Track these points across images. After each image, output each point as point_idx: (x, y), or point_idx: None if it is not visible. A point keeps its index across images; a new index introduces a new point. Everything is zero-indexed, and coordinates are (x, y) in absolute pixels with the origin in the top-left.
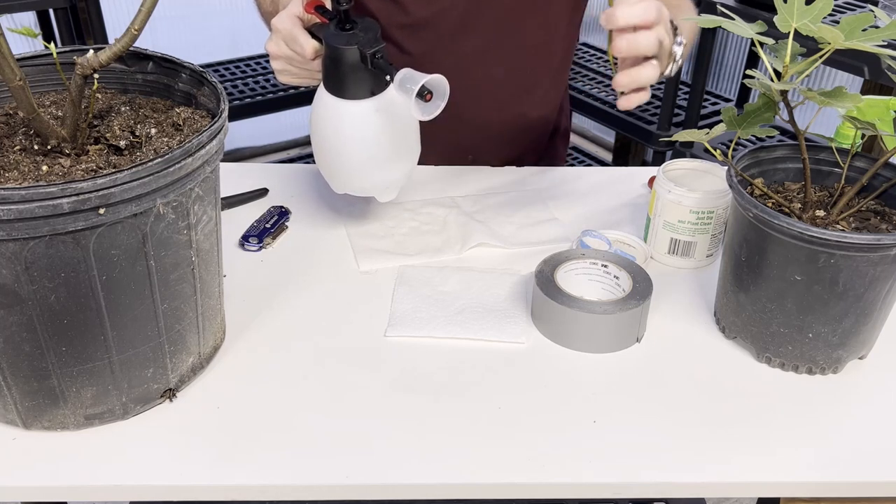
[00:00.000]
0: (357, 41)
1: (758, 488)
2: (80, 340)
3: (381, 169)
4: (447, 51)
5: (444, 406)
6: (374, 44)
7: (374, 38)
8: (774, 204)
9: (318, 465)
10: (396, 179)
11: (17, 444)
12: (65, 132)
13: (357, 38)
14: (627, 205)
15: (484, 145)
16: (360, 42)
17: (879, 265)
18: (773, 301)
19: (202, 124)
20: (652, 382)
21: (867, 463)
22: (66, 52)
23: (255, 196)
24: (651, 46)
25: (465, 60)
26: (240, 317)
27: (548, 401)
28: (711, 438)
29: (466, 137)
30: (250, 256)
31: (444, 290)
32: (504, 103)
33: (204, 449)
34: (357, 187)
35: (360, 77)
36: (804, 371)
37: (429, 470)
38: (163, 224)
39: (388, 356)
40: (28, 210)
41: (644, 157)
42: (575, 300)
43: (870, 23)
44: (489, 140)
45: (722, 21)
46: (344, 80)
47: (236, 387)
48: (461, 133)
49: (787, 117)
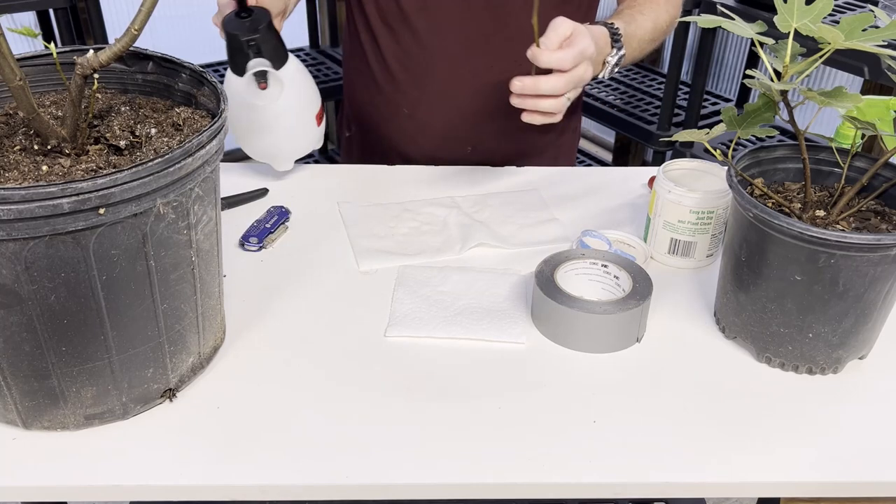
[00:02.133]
0: (240, 28)
1: (758, 488)
2: (80, 340)
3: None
4: (444, 38)
5: (443, 406)
6: (252, 33)
7: (255, 28)
8: (774, 204)
9: (318, 465)
10: (287, 150)
11: (17, 444)
12: (65, 132)
13: (244, 25)
14: (627, 205)
15: (484, 138)
16: (242, 29)
17: (879, 265)
18: (773, 301)
19: (202, 124)
20: (652, 382)
21: (867, 463)
22: (66, 52)
23: (255, 196)
24: (553, 88)
25: (460, 49)
26: (240, 317)
27: (548, 401)
28: (711, 438)
29: (465, 128)
30: (250, 256)
31: (443, 290)
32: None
33: (204, 449)
34: (253, 151)
35: (241, 57)
36: (804, 371)
37: (428, 470)
38: (163, 224)
39: (388, 356)
40: (28, 210)
41: (644, 157)
42: (575, 300)
43: (870, 23)
44: (489, 133)
45: (722, 21)
46: (231, 59)
47: (236, 387)
48: (459, 123)
49: (787, 117)
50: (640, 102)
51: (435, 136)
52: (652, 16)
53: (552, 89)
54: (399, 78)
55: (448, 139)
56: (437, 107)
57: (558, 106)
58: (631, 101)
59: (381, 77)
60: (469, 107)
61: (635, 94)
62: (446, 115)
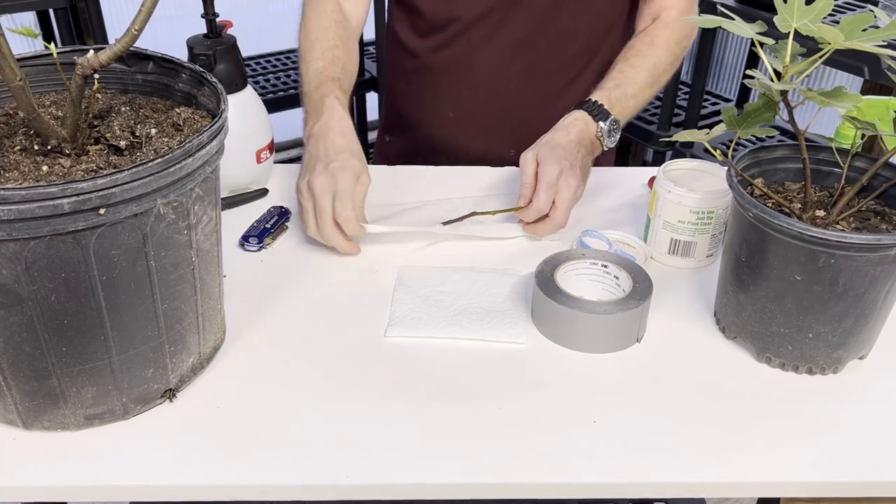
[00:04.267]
0: (199, 45)
1: (758, 488)
2: (81, 340)
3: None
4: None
5: (443, 406)
6: (206, 49)
7: (213, 46)
8: (774, 204)
9: (317, 465)
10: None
11: (17, 444)
12: (65, 132)
13: (204, 43)
14: (627, 205)
15: (527, 141)
16: (201, 46)
17: (879, 265)
18: (773, 301)
19: (202, 124)
20: (652, 382)
21: (867, 463)
22: (66, 52)
23: (255, 196)
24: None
25: (504, 53)
26: (240, 317)
27: (548, 401)
28: (711, 438)
29: (507, 130)
30: (250, 256)
31: (443, 290)
32: (546, 98)
33: (204, 449)
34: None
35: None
36: (804, 371)
37: (428, 470)
38: (163, 224)
39: (388, 356)
40: (28, 210)
41: (644, 157)
42: (575, 300)
43: (870, 23)
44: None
45: (722, 21)
46: None
47: (236, 387)
48: (502, 125)
49: (787, 117)
50: None
51: (478, 137)
52: (647, 64)
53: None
54: (442, 81)
55: (491, 142)
56: (481, 109)
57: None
58: None
59: (426, 79)
60: (513, 109)
61: None
62: (490, 117)
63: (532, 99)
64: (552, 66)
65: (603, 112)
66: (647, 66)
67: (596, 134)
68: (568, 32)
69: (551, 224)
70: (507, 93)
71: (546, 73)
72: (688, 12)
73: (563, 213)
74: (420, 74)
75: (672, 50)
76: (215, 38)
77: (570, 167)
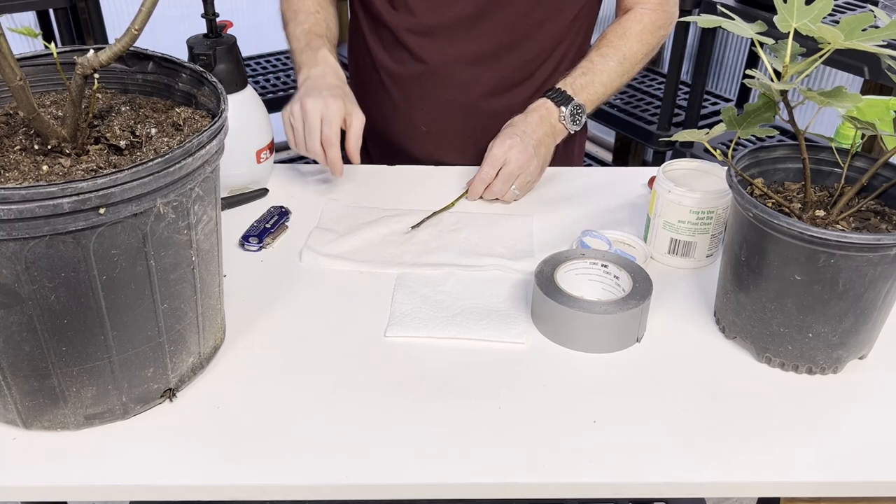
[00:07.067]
0: (199, 44)
1: (758, 488)
2: (80, 340)
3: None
4: (453, 57)
5: (443, 406)
6: (206, 49)
7: (213, 46)
8: (774, 204)
9: (318, 465)
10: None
11: (17, 444)
12: (65, 132)
13: (204, 43)
14: (627, 205)
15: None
16: (201, 46)
17: (879, 265)
18: (773, 301)
19: (202, 124)
20: (652, 382)
21: (867, 463)
22: (66, 52)
23: (255, 196)
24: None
25: (471, 66)
26: (240, 317)
27: (548, 401)
28: (711, 438)
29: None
30: (250, 256)
31: (443, 290)
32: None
33: (204, 449)
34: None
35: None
36: (804, 371)
37: (428, 470)
38: (163, 224)
39: (388, 356)
40: (28, 210)
41: (644, 157)
42: (575, 300)
43: (870, 23)
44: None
45: (722, 21)
46: None
47: (236, 387)
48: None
49: (787, 117)
50: (640, 102)
51: (453, 149)
52: (617, 55)
53: (496, 194)
54: (413, 95)
55: (466, 152)
56: (453, 122)
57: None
58: (631, 101)
59: (395, 96)
60: (485, 120)
61: (635, 94)
62: (463, 129)
63: (503, 110)
64: (520, 75)
65: (565, 97)
66: (617, 56)
67: (559, 118)
68: (533, 42)
69: (490, 191)
70: (477, 105)
71: (514, 82)
72: (663, 4)
73: (501, 182)
74: (389, 88)
75: (645, 41)
76: (215, 38)
77: (521, 143)
